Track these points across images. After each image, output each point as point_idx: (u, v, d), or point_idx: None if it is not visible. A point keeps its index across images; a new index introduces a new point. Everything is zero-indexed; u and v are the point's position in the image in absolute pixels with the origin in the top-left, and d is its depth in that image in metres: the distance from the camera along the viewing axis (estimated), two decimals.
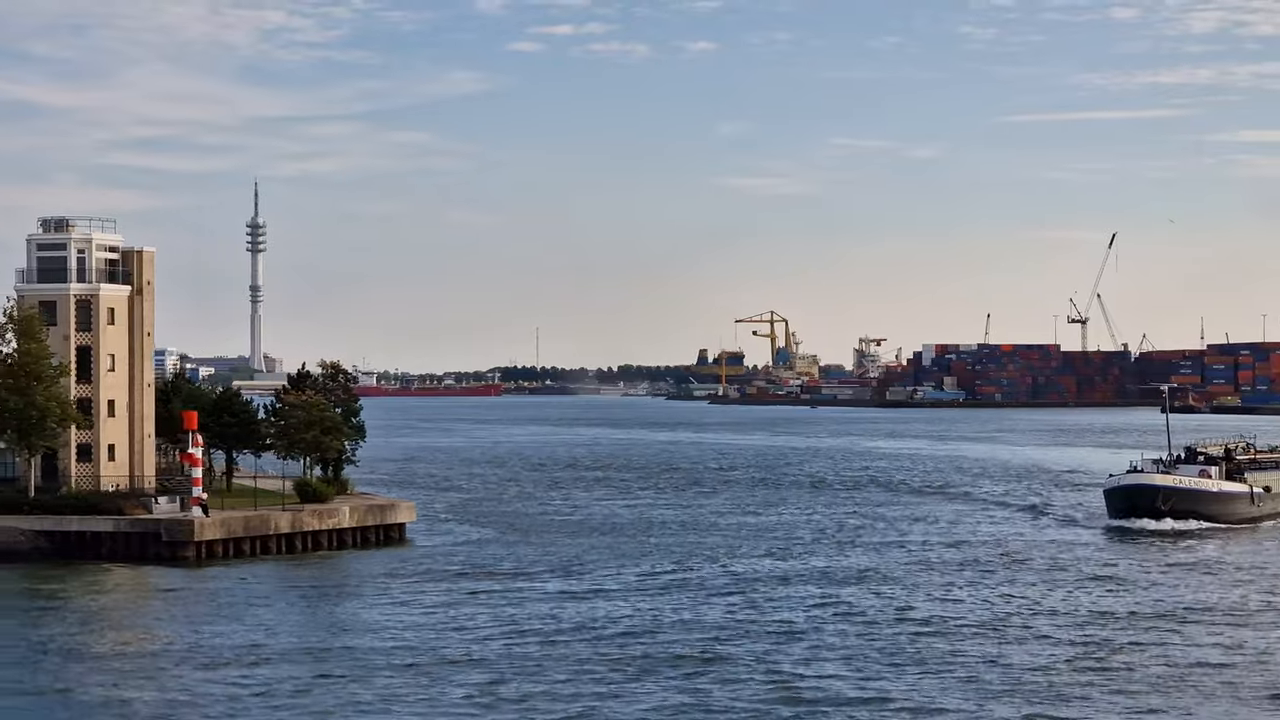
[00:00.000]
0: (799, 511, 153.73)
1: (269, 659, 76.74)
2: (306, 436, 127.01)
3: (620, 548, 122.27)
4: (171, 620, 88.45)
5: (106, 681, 72.32)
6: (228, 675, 73.17)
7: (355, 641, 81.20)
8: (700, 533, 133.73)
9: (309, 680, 71.83)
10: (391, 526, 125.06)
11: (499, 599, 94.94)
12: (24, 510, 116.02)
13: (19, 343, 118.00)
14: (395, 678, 72.11)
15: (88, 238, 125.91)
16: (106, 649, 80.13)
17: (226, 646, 79.85)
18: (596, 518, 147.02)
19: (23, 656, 78.39)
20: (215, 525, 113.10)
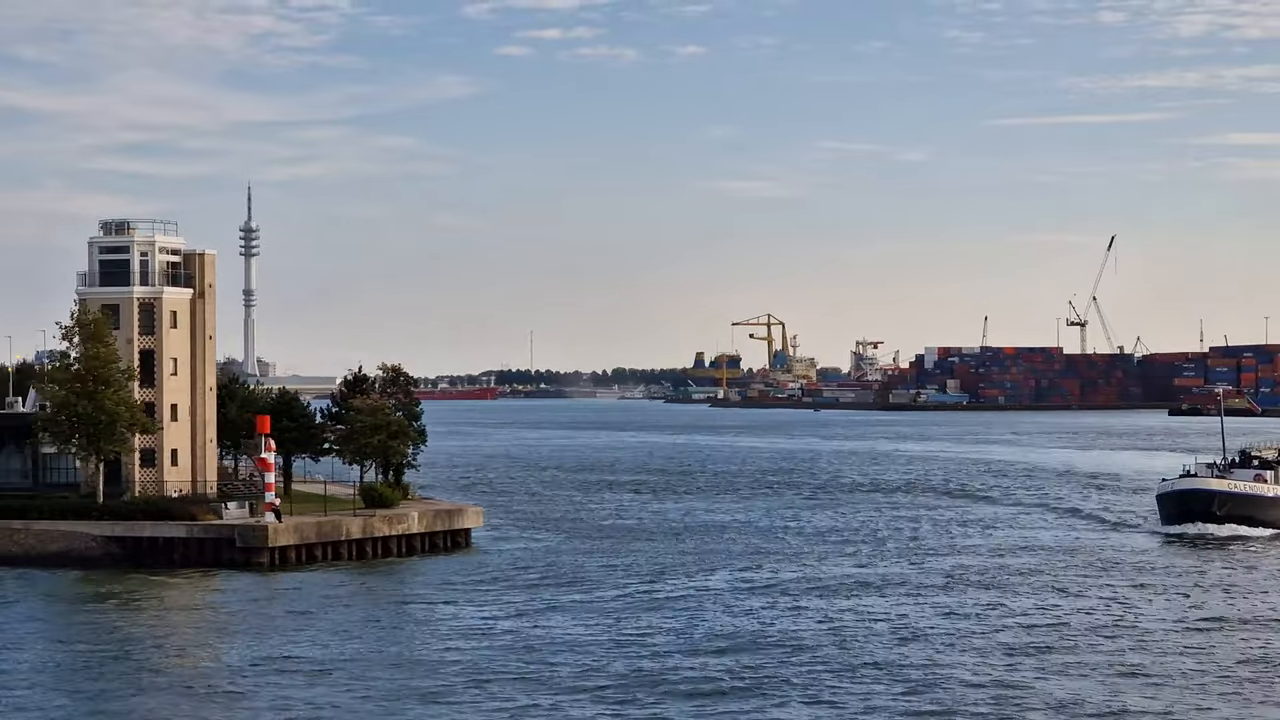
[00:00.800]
0: (854, 514, 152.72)
1: (348, 668, 75.28)
2: (373, 441, 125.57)
3: (690, 552, 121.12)
4: (252, 628, 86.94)
5: (185, 690, 71.17)
6: (307, 684, 71.77)
7: (433, 653, 79.20)
8: (763, 536, 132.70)
9: (390, 692, 70.19)
10: (459, 532, 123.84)
11: (577, 607, 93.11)
12: (93, 516, 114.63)
13: (86, 346, 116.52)
14: (474, 690, 70.27)
15: (150, 240, 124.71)
16: (186, 657, 78.90)
17: (306, 655, 78.42)
18: (656, 522, 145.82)
19: (102, 663, 77.08)
20: (289, 531, 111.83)
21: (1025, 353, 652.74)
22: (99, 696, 70.23)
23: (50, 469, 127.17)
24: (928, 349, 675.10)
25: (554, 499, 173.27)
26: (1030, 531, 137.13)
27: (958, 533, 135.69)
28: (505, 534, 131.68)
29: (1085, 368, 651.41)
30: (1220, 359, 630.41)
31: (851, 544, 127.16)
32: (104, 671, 75.38)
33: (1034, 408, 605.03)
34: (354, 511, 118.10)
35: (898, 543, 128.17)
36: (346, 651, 79.53)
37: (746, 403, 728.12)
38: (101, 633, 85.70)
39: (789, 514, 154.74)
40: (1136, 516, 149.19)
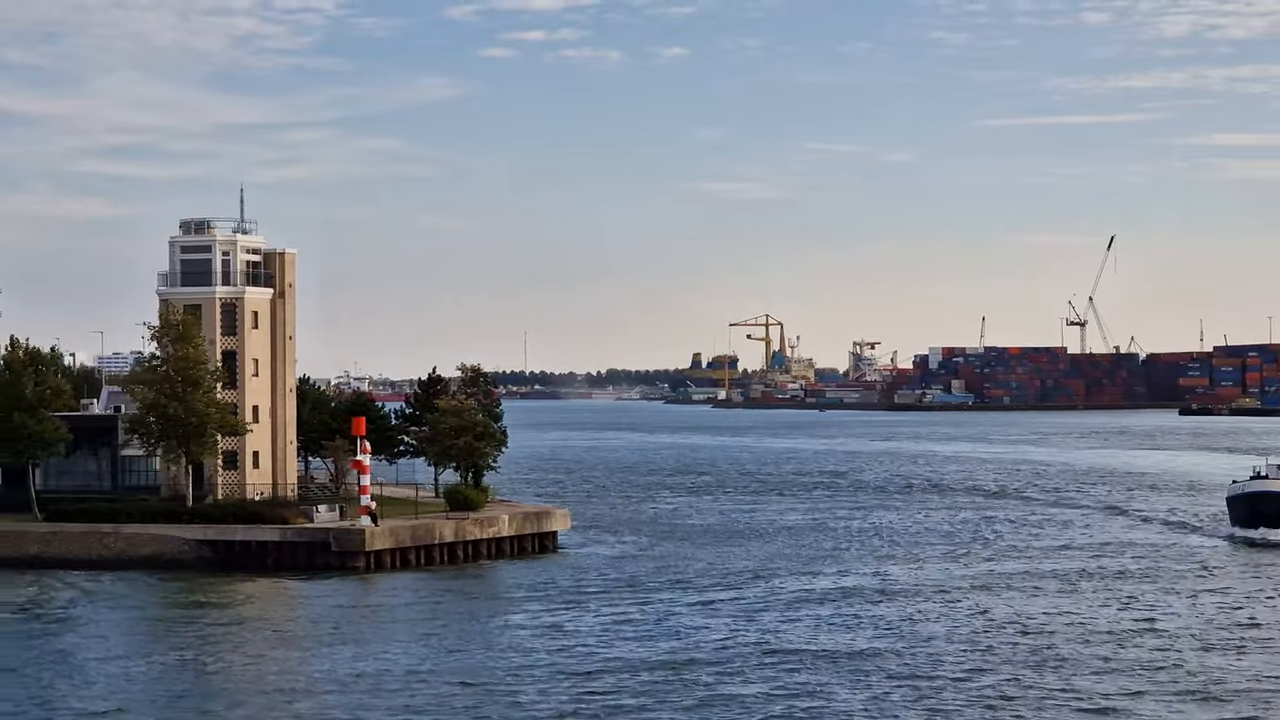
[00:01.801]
0: (928, 515, 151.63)
1: (456, 674, 73.69)
2: (458, 443, 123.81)
3: (781, 554, 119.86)
4: (358, 634, 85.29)
5: (291, 696, 69.78)
6: (420, 691, 70.17)
7: (541, 660, 77.47)
8: (847, 537, 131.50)
9: (498, 699, 68.68)
10: (546, 535, 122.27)
11: (678, 612, 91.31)
12: (182, 519, 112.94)
13: (175, 348, 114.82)
14: (582, 704, 68.48)
15: (232, 240, 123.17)
16: (296, 663, 77.20)
17: (417, 662, 76.86)
18: (733, 523, 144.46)
19: (202, 669, 75.78)
20: (384, 535, 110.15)
21: (1030, 353, 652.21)
22: (197, 702, 68.83)
23: (129, 471, 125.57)
24: (931, 349, 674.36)
25: (621, 501, 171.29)
26: (1103, 533, 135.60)
27: (1032, 534, 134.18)
28: (589, 537, 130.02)
29: (1090, 368, 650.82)
30: (1225, 359, 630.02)
31: (937, 544, 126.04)
32: (203, 678, 74.04)
33: (1039, 408, 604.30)
34: (446, 515, 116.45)
35: (983, 543, 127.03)
36: (454, 659, 77.62)
37: (749, 403, 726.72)
38: (199, 638, 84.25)
39: (862, 514, 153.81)
40: (1204, 519, 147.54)
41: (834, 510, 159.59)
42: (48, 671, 75.23)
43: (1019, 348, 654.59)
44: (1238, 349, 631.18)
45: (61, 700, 69.26)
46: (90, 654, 79.64)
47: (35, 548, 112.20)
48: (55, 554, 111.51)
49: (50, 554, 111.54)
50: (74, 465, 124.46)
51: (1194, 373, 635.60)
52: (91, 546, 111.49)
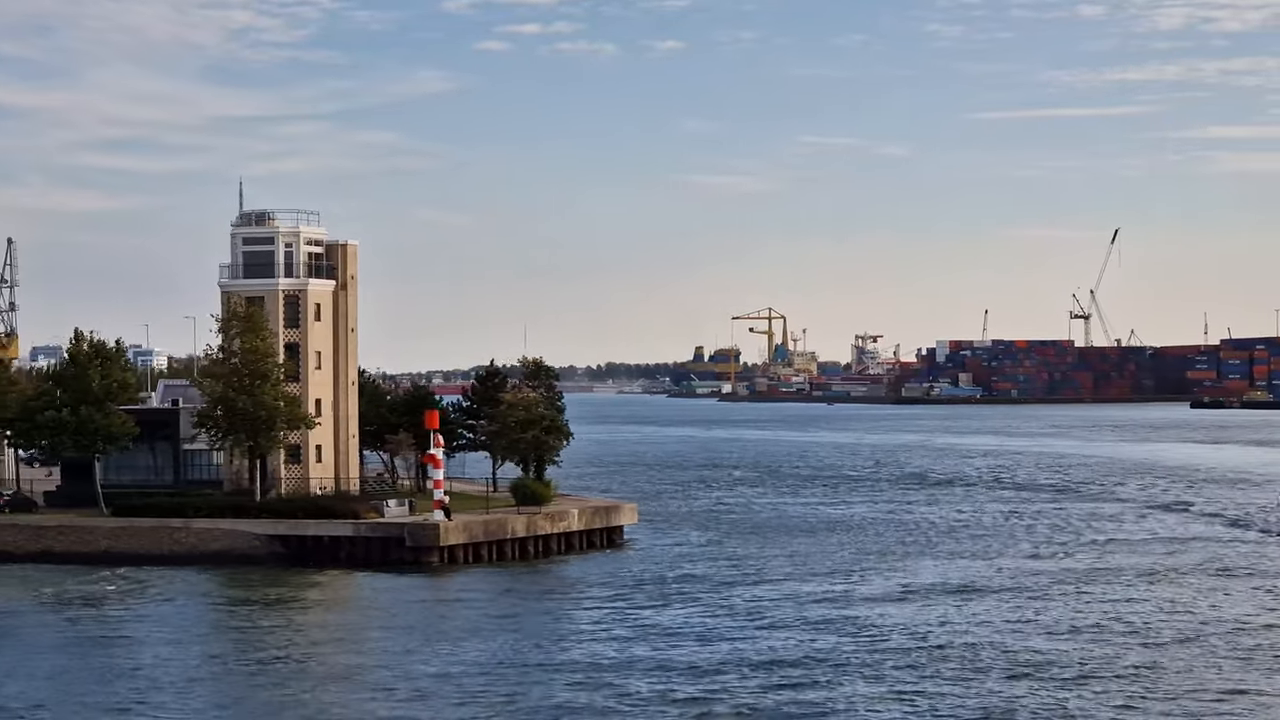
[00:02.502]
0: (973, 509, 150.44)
1: (538, 671, 72.42)
2: (526, 436, 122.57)
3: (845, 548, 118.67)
4: (442, 629, 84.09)
5: (378, 694, 68.57)
6: (500, 689, 69.01)
7: (623, 656, 76.19)
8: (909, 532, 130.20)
9: (582, 696, 67.45)
10: (614, 529, 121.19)
11: (758, 609, 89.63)
12: (251, 514, 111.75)
13: (243, 340, 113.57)
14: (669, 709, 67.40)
15: (295, 231, 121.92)
16: (384, 660, 75.92)
17: (498, 658, 75.79)
18: (791, 518, 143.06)
19: (281, 667, 74.52)
20: (458, 530, 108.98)
21: (1037, 346, 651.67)
22: (272, 698, 67.85)
23: (192, 465, 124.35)
24: (939, 342, 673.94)
25: (672, 495, 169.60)
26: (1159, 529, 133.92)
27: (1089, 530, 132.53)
28: (654, 531, 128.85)
29: (1098, 361, 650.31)
30: (1233, 352, 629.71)
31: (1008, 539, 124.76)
32: (279, 674, 72.96)
33: (1047, 401, 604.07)
34: (518, 509, 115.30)
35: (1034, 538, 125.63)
36: (534, 655, 76.20)
37: (755, 397, 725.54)
38: (275, 634, 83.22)
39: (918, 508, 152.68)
40: (1256, 514, 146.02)
41: (891, 504, 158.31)
42: (122, 668, 74.18)
43: (1026, 341, 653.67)
44: (1245, 342, 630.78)
45: (136, 696, 68.31)
46: (165, 650, 78.59)
47: (105, 543, 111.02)
48: (125, 549, 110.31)
49: (120, 549, 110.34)
50: (134, 459, 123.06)
51: (1201, 366, 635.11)
52: (162, 541, 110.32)
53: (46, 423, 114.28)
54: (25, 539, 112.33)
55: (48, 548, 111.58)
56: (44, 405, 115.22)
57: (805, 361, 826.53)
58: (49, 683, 70.95)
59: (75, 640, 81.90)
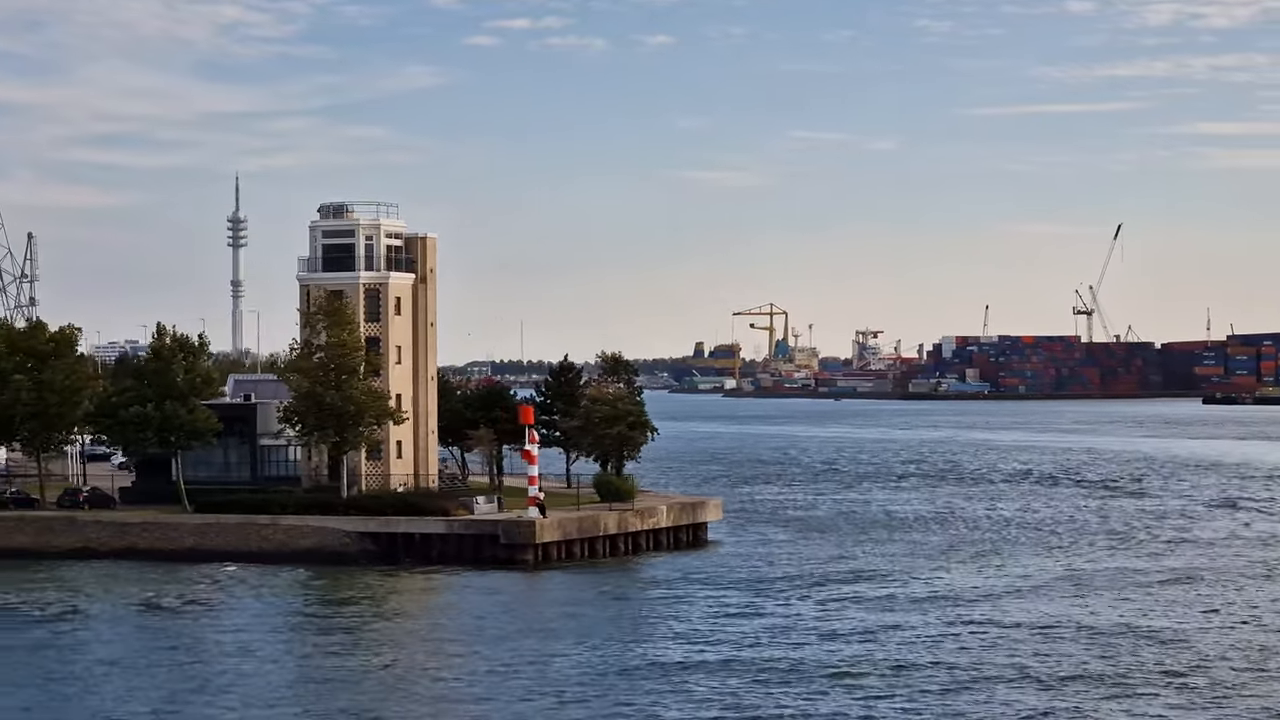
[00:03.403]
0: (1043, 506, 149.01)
1: (647, 672, 71.18)
2: (612, 432, 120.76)
3: (928, 546, 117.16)
4: (549, 628, 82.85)
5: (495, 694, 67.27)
6: (603, 688, 67.79)
7: (731, 654, 75.10)
8: (987, 529, 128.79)
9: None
10: (698, 526, 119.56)
11: (857, 609, 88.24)
12: (339, 511, 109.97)
13: (330, 334, 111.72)
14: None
15: (376, 224, 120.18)
16: (498, 660, 74.37)
17: (607, 657, 74.54)
18: (872, 514, 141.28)
19: (386, 669, 73.08)
20: (553, 527, 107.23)
21: (1044, 341, 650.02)
22: (371, 697, 66.78)
23: (269, 461, 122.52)
24: (945, 338, 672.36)
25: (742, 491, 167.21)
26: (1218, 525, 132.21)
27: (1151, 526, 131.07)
28: (737, 528, 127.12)
29: (1105, 356, 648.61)
30: (1240, 347, 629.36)
31: (1088, 536, 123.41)
32: (381, 672, 71.94)
33: (1054, 396, 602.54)
34: (609, 506, 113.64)
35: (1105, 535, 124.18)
36: (638, 655, 74.84)
37: (759, 392, 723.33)
38: (382, 633, 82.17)
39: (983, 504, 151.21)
40: None
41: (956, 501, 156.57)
42: (215, 665, 73.15)
43: (1033, 336, 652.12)
44: (1252, 338, 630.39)
45: (226, 693, 67.61)
46: (259, 648, 77.55)
47: (191, 540, 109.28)
48: (211, 546, 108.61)
49: (206, 546, 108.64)
50: (208, 455, 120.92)
51: (1209, 361, 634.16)
52: (249, 539, 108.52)
53: (131, 419, 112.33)
54: (109, 535, 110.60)
55: (132, 544, 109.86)
56: (128, 401, 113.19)
57: (806, 357, 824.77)
58: (146, 683, 69.81)
59: (171, 638, 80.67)
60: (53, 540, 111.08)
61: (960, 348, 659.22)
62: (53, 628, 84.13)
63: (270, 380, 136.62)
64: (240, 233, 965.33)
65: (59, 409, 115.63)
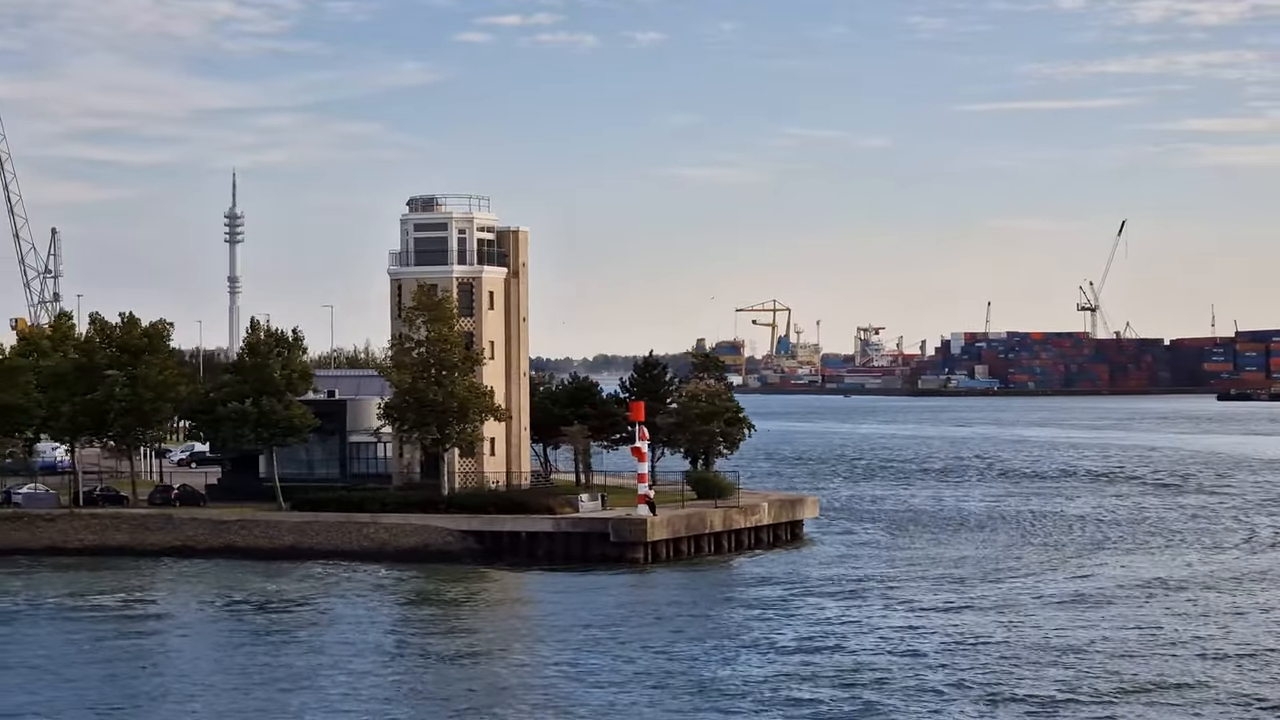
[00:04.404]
0: (1122, 504, 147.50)
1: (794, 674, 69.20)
2: (709, 428, 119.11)
3: (1020, 545, 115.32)
4: (679, 627, 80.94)
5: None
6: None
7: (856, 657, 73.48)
8: (1070, 527, 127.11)
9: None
10: (796, 523, 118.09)
11: (973, 610, 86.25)
12: (440, 509, 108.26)
13: (431, 329, 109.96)
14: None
15: (469, 217, 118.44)
16: (619, 660, 72.78)
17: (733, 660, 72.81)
18: (958, 512, 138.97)
19: (511, 664, 72.00)
20: (663, 525, 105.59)
21: (1053, 338, 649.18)
22: (489, 699, 65.38)
23: (358, 459, 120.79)
24: (953, 334, 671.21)
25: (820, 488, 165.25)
26: None
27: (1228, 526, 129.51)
28: (830, 526, 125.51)
29: (1115, 353, 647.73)
30: (1249, 343, 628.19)
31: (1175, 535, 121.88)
32: (499, 675, 70.70)
33: (1063, 393, 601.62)
34: (714, 504, 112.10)
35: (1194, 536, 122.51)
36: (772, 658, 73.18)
37: (767, 389, 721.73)
38: (502, 632, 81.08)
39: (1060, 502, 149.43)
40: None
41: (1041, 497, 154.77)
42: (325, 666, 71.75)
43: (1041, 333, 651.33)
44: (1261, 334, 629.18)
45: (337, 691, 66.63)
46: (374, 646, 76.37)
47: (290, 538, 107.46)
48: (312, 544, 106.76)
49: (306, 544, 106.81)
50: (295, 452, 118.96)
51: (1218, 358, 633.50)
52: (350, 537, 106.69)
53: (229, 415, 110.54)
54: (207, 534, 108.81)
55: (230, 543, 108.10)
56: (225, 397, 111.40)
57: (809, 354, 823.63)
58: (264, 683, 68.70)
59: (285, 636, 79.36)
60: (149, 538, 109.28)
61: (969, 344, 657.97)
62: (168, 626, 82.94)
63: (351, 375, 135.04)
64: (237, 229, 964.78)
65: (153, 404, 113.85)
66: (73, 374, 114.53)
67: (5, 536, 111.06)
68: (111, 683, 68.80)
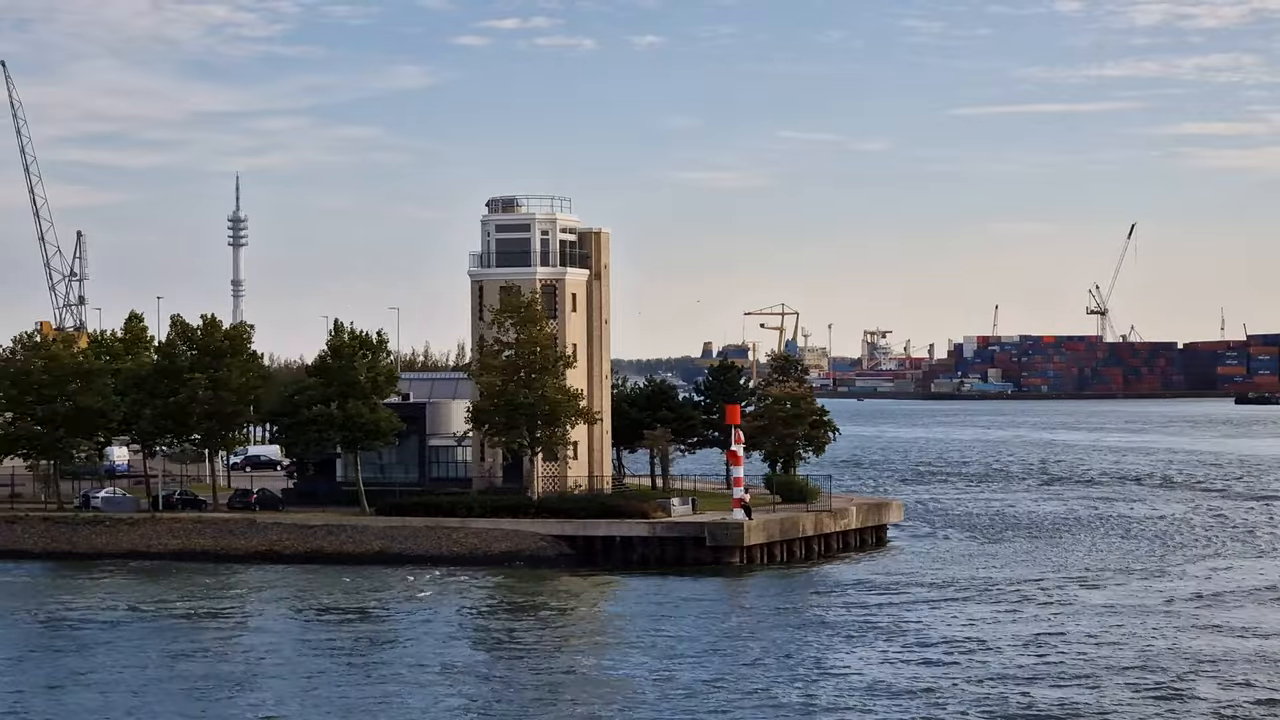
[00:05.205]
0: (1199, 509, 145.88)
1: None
2: (796, 432, 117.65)
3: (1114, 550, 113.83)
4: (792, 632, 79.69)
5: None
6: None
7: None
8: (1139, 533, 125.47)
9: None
10: (881, 527, 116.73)
11: (1073, 615, 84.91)
12: (530, 513, 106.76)
13: (522, 331, 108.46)
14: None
15: (552, 218, 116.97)
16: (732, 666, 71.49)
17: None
18: (1043, 516, 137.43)
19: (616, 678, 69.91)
20: (759, 529, 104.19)
21: (1066, 341, 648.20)
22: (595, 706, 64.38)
23: (437, 462, 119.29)
24: (966, 338, 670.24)
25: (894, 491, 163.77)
26: None
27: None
28: (914, 531, 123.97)
29: (1129, 356, 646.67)
30: (1262, 347, 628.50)
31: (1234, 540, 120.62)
32: (605, 680, 69.60)
33: (1077, 396, 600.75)
34: (805, 508, 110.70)
35: None
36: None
37: None
38: (595, 640, 79.91)
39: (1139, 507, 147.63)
40: None
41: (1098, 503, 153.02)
42: (426, 671, 70.81)
43: (1053, 336, 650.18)
44: (1273, 338, 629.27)
45: (443, 693, 66.03)
46: (465, 654, 75.48)
47: (378, 543, 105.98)
48: (401, 550, 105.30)
49: (395, 550, 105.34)
50: (371, 455, 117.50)
51: (1231, 361, 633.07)
52: (440, 542, 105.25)
53: (315, 418, 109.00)
54: (292, 539, 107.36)
55: (317, 548, 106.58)
56: (310, 400, 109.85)
57: (816, 358, 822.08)
58: (366, 684, 68.16)
59: (381, 643, 78.27)
60: (234, 543, 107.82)
61: (982, 347, 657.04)
62: (265, 632, 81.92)
63: (422, 378, 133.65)
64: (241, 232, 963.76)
65: (235, 407, 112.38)
66: (154, 377, 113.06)
67: (87, 541, 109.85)
68: (222, 686, 68.09)
